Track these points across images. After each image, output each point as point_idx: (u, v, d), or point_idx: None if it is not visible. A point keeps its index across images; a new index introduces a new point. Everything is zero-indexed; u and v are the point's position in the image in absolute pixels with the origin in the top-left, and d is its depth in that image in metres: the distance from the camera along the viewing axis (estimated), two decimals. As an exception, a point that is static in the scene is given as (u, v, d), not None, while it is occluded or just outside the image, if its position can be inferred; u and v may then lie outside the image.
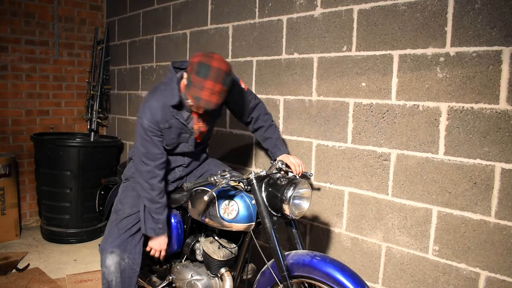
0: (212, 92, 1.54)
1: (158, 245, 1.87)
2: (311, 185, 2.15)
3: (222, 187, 1.58)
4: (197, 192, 1.79)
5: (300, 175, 1.83)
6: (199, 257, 1.92)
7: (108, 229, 1.91)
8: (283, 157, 1.90)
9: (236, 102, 1.91)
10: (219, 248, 1.79)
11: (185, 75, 1.65)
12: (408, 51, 1.79)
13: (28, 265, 2.87)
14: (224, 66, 1.57)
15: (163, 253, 1.91)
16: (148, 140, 1.72)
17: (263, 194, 1.60)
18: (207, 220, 1.72)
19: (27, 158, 3.66)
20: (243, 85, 1.91)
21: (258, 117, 1.98)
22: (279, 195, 1.55)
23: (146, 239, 1.92)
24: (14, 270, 2.79)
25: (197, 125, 1.78)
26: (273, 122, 2.04)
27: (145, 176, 1.77)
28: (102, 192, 2.59)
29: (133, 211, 1.89)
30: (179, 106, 1.74)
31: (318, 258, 1.50)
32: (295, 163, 1.84)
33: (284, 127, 2.33)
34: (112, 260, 1.84)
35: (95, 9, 3.95)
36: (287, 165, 1.82)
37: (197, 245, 1.93)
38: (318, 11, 2.12)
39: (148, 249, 1.91)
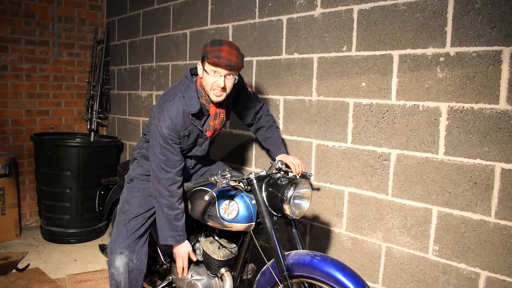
0: (229, 52, 1.62)
1: (183, 252, 1.83)
2: (311, 185, 2.15)
3: (222, 187, 1.58)
4: (197, 192, 1.79)
5: (300, 175, 1.83)
6: (199, 257, 1.91)
7: (116, 230, 1.90)
8: (282, 157, 1.90)
9: (243, 105, 1.98)
10: (219, 248, 1.79)
11: (199, 64, 1.72)
12: (408, 51, 1.79)
13: (28, 265, 2.87)
14: (235, 44, 1.70)
15: (192, 255, 1.86)
16: (168, 148, 1.71)
17: (263, 194, 1.60)
18: (207, 220, 1.72)
19: (27, 158, 3.66)
20: (249, 89, 1.97)
21: (260, 118, 2.06)
22: (279, 195, 1.55)
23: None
24: (14, 270, 2.79)
25: (213, 122, 1.83)
26: (274, 122, 2.10)
27: (165, 183, 1.73)
28: (102, 192, 2.60)
29: (140, 211, 1.89)
30: (198, 114, 1.76)
31: (318, 258, 1.50)
32: (294, 163, 1.85)
33: (284, 127, 2.33)
34: (121, 261, 1.83)
35: (95, 9, 3.95)
36: (287, 165, 1.82)
37: (197, 245, 1.93)
38: (318, 11, 2.12)
39: (176, 258, 1.86)
